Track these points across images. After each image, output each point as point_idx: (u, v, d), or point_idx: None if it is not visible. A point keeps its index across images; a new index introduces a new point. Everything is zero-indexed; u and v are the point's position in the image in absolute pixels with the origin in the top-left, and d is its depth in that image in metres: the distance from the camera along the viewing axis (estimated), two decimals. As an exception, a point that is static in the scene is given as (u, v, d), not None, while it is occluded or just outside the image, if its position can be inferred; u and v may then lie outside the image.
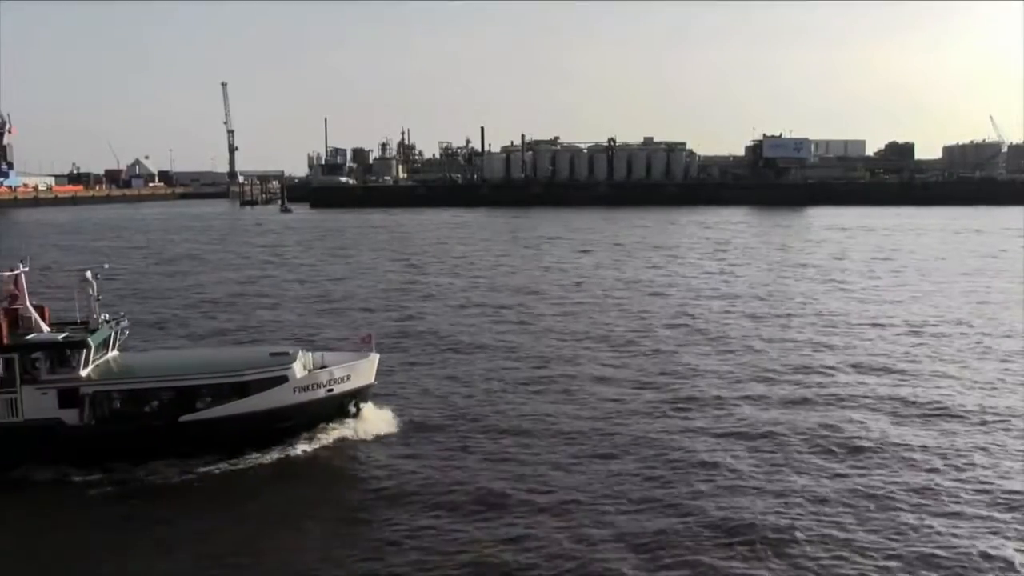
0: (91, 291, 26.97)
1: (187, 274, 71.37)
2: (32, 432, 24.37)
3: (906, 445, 25.96)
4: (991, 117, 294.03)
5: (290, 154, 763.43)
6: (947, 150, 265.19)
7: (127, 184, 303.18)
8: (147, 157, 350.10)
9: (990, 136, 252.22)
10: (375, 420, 27.82)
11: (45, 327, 26.31)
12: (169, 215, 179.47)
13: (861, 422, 28.20)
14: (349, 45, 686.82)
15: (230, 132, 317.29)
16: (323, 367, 27.23)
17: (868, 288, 59.28)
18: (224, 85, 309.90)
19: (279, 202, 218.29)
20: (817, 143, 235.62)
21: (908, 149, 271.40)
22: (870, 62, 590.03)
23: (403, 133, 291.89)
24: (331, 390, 27.03)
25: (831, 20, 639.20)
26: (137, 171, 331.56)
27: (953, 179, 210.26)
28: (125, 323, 28.46)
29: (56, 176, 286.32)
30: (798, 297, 55.43)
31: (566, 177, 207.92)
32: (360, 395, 28.04)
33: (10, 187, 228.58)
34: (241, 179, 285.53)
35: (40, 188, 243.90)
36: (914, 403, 30.44)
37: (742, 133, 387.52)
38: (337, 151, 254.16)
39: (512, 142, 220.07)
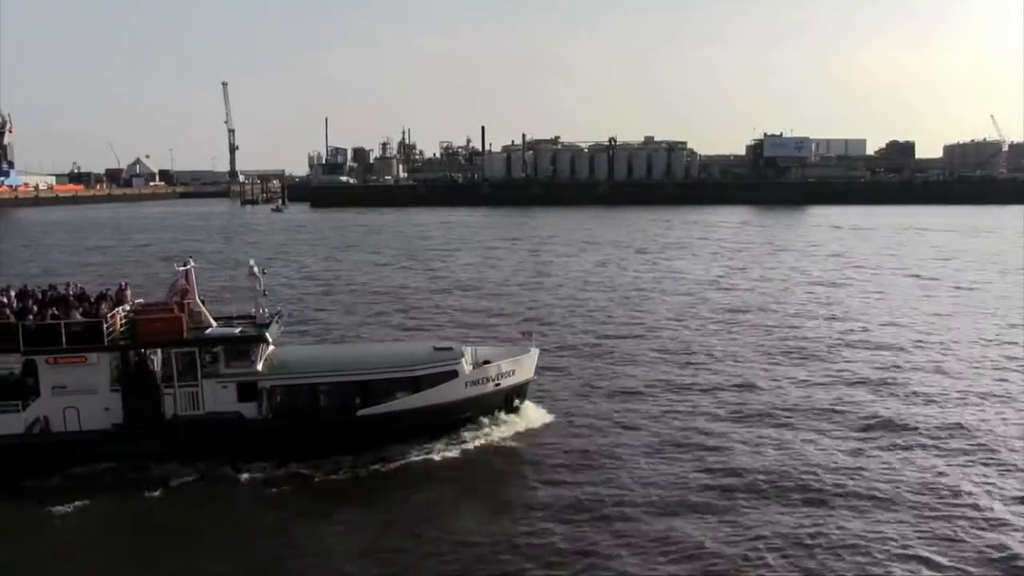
0: (257, 286, 27.26)
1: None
2: (213, 425, 24.76)
3: None
4: (992, 116, 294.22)
5: (291, 153, 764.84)
6: (948, 149, 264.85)
7: (128, 183, 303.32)
8: (148, 156, 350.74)
9: (991, 135, 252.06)
10: (534, 416, 28.06)
11: (212, 321, 26.51)
12: (176, 214, 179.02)
13: None
14: (350, 44, 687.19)
15: (231, 131, 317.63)
16: (485, 362, 27.51)
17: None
18: (225, 84, 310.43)
19: (278, 201, 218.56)
20: (818, 142, 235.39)
21: (909, 148, 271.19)
22: (871, 61, 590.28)
23: (404, 132, 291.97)
24: (498, 384, 27.39)
25: (832, 19, 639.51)
26: (138, 170, 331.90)
27: (954, 178, 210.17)
28: (283, 318, 28.77)
29: (57, 175, 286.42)
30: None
31: (567, 176, 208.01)
32: (520, 390, 28.36)
33: (11, 186, 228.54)
34: (242, 178, 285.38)
35: (41, 187, 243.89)
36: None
37: (743, 132, 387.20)
38: (338, 150, 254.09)
39: (513, 141, 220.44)
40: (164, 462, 23.98)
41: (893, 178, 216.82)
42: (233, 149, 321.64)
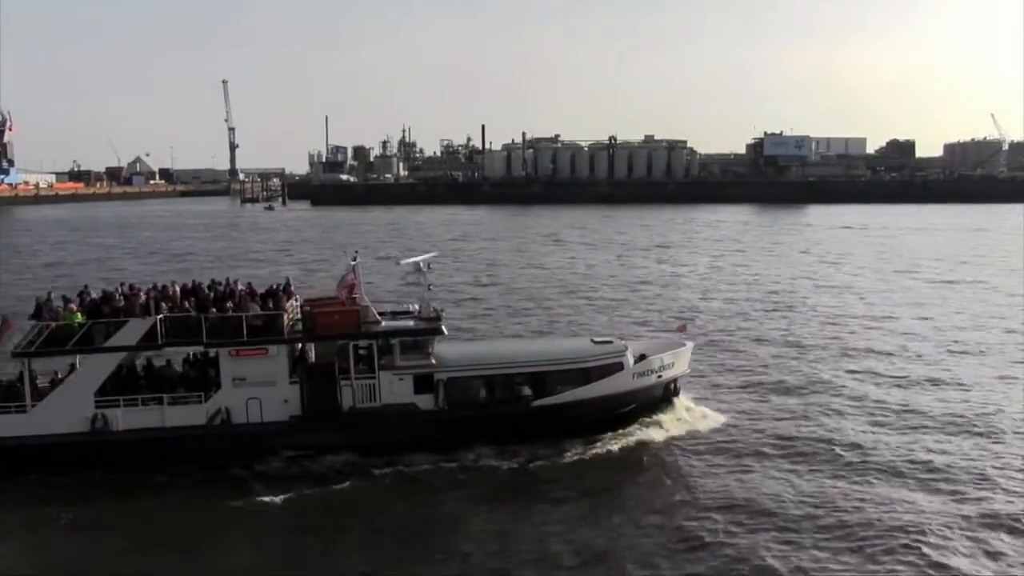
0: (423, 280, 27.80)
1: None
2: (390, 417, 25.19)
3: None
4: (992, 115, 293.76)
5: (291, 152, 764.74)
6: (948, 148, 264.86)
7: (128, 182, 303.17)
8: (148, 155, 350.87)
9: (991, 134, 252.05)
10: (690, 410, 28.44)
11: (377, 316, 26.88)
12: (179, 213, 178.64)
13: None
14: (350, 43, 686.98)
15: (231, 130, 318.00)
16: (642, 355, 27.84)
17: None
18: (225, 83, 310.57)
19: (278, 199, 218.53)
20: (818, 141, 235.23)
21: (909, 147, 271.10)
22: (871, 59, 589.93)
23: (404, 131, 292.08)
24: (660, 377, 27.81)
25: (832, 17, 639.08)
26: (138, 169, 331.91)
27: (954, 177, 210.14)
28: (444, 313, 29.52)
29: (57, 173, 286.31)
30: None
31: (567, 175, 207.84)
32: (677, 383, 28.83)
33: (11, 185, 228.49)
34: (242, 177, 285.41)
35: (41, 186, 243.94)
36: None
37: (743, 131, 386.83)
38: (338, 149, 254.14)
39: (513, 140, 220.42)
40: (341, 453, 24.43)
41: (893, 177, 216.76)
42: (233, 147, 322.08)
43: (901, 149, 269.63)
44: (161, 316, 24.76)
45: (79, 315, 24.83)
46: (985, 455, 25.18)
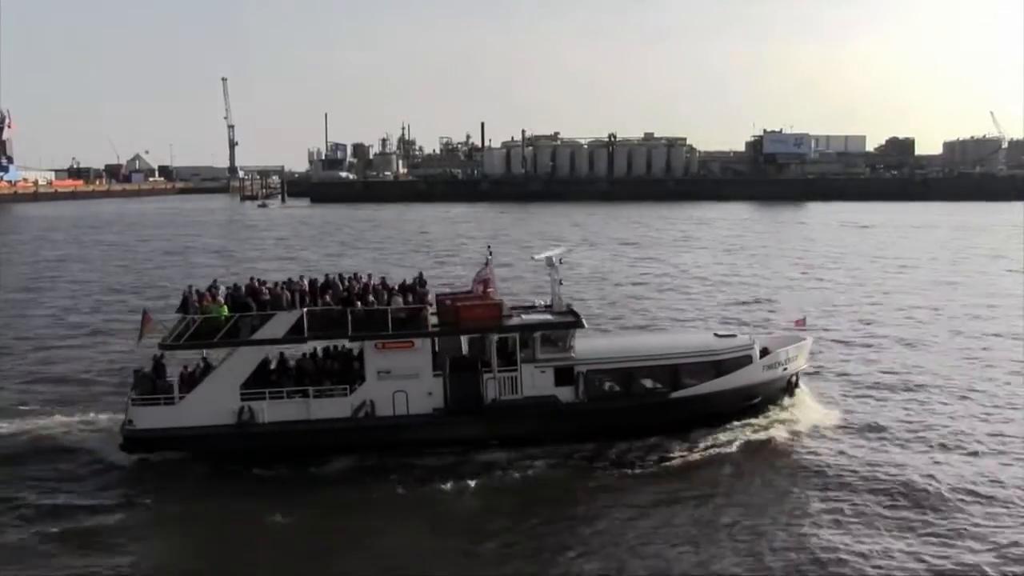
0: (555, 275, 28.11)
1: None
2: (531, 409, 25.51)
3: None
4: (991, 113, 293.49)
5: (290, 149, 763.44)
6: (947, 146, 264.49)
7: (127, 179, 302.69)
8: (147, 152, 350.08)
9: (990, 132, 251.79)
10: (809, 403, 28.91)
11: (509, 309, 27.47)
12: (183, 210, 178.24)
13: None
14: (349, 40, 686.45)
15: (230, 127, 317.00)
16: (764, 349, 28.29)
17: None
18: (224, 80, 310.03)
19: (279, 196, 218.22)
20: (817, 139, 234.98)
21: (908, 145, 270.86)
22: (871, 57, 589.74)
23: (403, 128, 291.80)
24: (785, 370, 28.38)
25: (831, 15, 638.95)
26: (137, 166, 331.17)
27: (953, 175, 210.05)
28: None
29: (56, 171, 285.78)
30: None
31: (566, 173, 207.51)
32: (798, 377, 29.40)
33: (10, 182, 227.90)
34: (241, 174, 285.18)
35: (40, 183, 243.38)
36: None
37: (742, 129, 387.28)
38: (337, 146, 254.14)
39: (512, 137, 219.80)
40: (484, 446, 24.84)
41: (893, 175, 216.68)
42: (233, 145, 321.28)
43: (901, 147, 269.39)
44: (307, 310, 25.09)
45: (225, 308, 25.15)
46: None
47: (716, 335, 29.42)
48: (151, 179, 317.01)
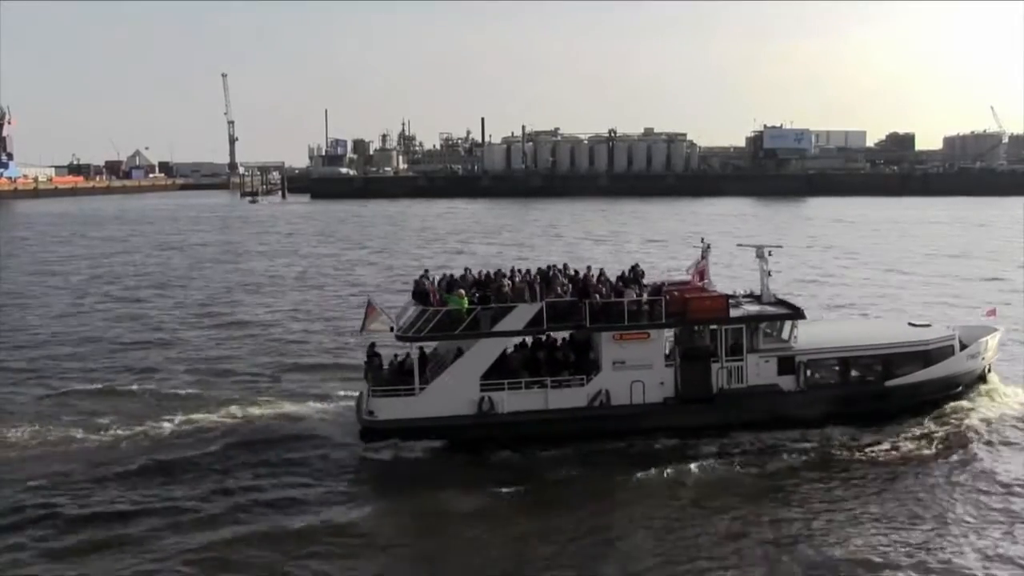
0: (764, 267, 29.00)
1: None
2: (756, 397, 26.49)
3: None
4: (992, 108, 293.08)
5: (291, 145, 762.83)
6: (948, 141, 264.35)
7: (127, 175, 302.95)
8: (147, 148, 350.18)
9: (991, 127, 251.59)
10: (1004, 392, 29.31)
11: None
12: (188, 207, 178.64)
13: None
14: (349, 37, 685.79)
15: (230, 123, 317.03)
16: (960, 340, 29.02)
17: None
18: (224, 76, 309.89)
19: (281, 192, 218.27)
20: (817, 134, 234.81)
21: (909, 140, 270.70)
22: (871, 52, 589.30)
23: (403, 124, 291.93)
24: (983, 359, 29.30)
25: (831, 10, 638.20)
26: (137, 162, 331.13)
27: (953, 170, 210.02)
28: None
29: (56, 167, 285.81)
30: None
31: (566, 168, 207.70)
32: (991, 366, 30.17)
33: (10, 178, 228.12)
34: (241, 170, 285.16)
35: (40, 179, 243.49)
36: None
37: (742, 124, 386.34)
38: (337, 142, 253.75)
39: (512, 133, 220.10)
40: (711, 434, 25.59)
41: (893, 170, 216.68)
42: (233, 141, 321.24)
43: (901, 142, 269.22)
44: (546, 302, 25.73)
45: (465, 300, 25.71)
46: None
47: (910, 324, 30.28)
48: (151, 175, 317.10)
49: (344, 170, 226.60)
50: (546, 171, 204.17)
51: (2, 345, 39.99)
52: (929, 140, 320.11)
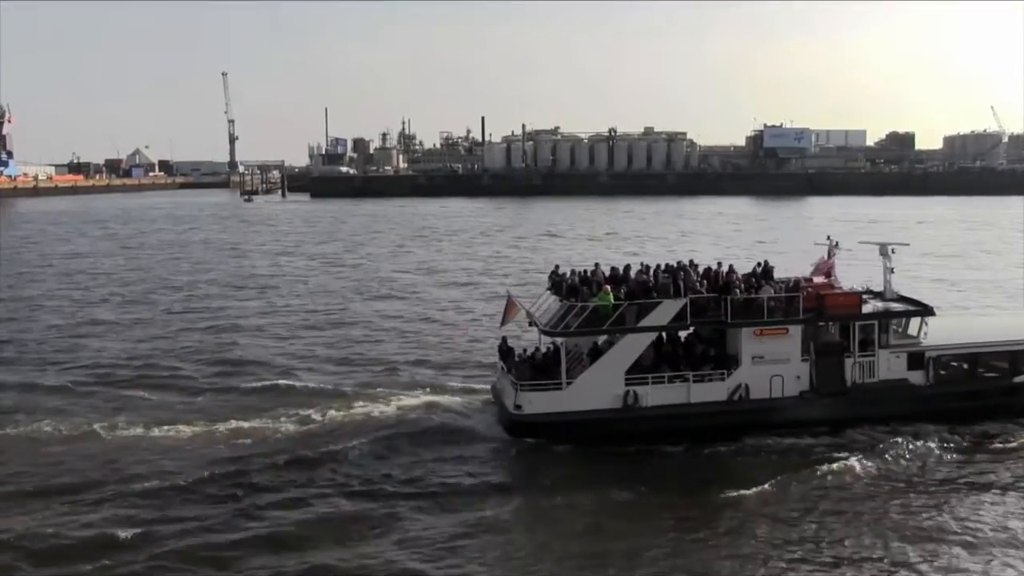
0: (887, 264, 29.32)
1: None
2: (888, 392, 27.02)
3: None
4: (992, 107, 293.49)
5: (291, 144, 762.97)
6: (948, 140, 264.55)
7: (127, 174, 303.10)
8: (147, 147, 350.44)
9: (991, 126, 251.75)
10: None
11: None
12: (189, 205, 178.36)
13: None
14: (349, 35, 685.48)
15: (230, 122, 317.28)
16: None
17: None
18: (224, 75, 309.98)
19: (280, 191, 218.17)
20: (817, 133, 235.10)
21: (908, 139, 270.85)
22: (871, 52, 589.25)
23: (404, 123, 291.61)
24: None
25: (831, 10, 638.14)
26: (137, 160, 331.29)
27: (953, 169, 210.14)
28: None
29: (56, 166, 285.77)
30: None
31: (567, 167, 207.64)
32: None
33: (10, 177, 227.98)
34: (241, 169, 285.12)
35: (40, 178, 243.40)
36: None
37: (742, 123, 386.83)
38: (338, 141, 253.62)
39: (513, 132, 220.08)
40: (844, 427, 26.08)
41: (893, 169, 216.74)
42: (233, 139, 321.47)
43: (901, 141, 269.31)
44: (690, 297, 26.26)
45: (611, 296, 26.14)
46: None
47: None
48: (151, 174, 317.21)
49: (344, 169, 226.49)
50: (546, 170, 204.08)
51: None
52: (929, 139, 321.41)
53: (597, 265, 28.56)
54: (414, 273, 64.98)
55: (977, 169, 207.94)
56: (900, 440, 25.18)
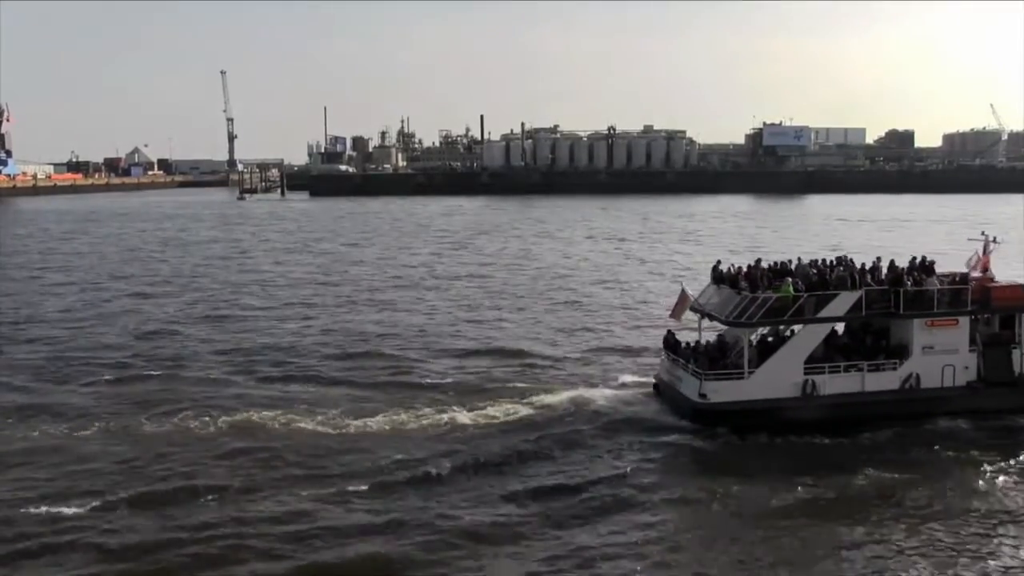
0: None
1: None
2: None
3: None
4: (991, 105, 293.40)
5: (290, 143, 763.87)
6: (947, 138, 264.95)
7: (126, 172, 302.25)
8: (146, 145, 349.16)
9: (990, 124, 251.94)
10: None
11: None
12: (190, 203, 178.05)
13: None
14: (349, 34, 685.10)
15: (229, 120, 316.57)
16: None
17: None
18: (223, 73, 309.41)
19: (280, 190, 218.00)
20: (817, 131, 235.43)
21: (908, 137, 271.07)
22: (871, 50, 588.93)
23: (403, 121, 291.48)
24: None
25: (831, 9, 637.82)
26: (136, 159, 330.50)
27: (953, 167, 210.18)
28: None
29: (55, 164, 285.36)
30: None
31: (566, 165, 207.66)
32: None
33: (9, 175, 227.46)
34: (240, 167, 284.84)
35: (39, 176, 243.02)
36: None
37: (742, 121, 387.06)
38: (337, 139, 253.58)
39: (512, 130, 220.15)
40: (1012, 416, 26.84)
41: (892, 167, 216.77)
42: (232, 138, 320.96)
43: (900, 139, 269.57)
44: (865, 289, 27.09)
45: (791, 288, 26.90)
46: None
47: None
48: (150, 172, 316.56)
49: (343, 167, 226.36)
50: (545, 168, 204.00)
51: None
52: (929, 137, 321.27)
53: (759, 260, 29.67)
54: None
55: (977, 167, 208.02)
56: None
